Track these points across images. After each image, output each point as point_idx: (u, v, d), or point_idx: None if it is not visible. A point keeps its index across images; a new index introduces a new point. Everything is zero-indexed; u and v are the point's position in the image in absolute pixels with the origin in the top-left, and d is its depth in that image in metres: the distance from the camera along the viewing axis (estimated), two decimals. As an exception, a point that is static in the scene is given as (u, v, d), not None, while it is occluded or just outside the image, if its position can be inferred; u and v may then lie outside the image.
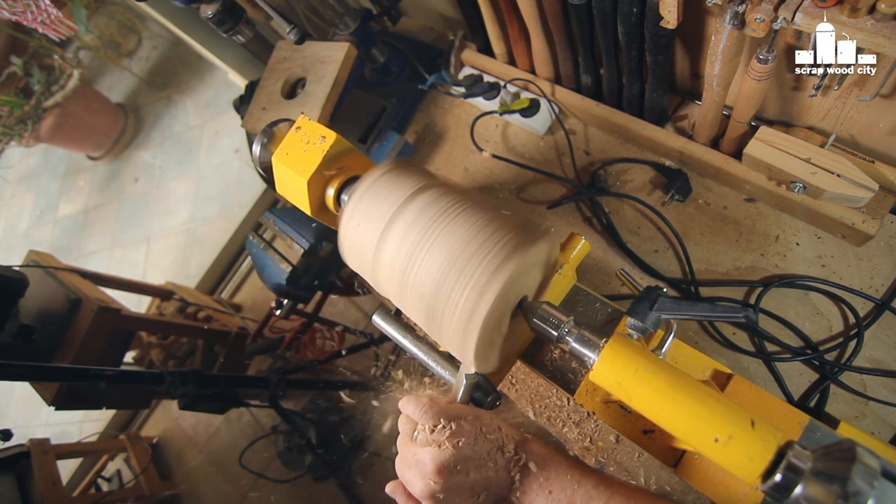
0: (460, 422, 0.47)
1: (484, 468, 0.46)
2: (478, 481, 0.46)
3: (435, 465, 0.45)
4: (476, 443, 0.46)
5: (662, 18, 0.71)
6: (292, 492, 1.82)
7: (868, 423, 0.73)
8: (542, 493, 0.45)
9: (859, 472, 0.31)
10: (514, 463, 0.47)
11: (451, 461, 0.45)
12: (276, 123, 0.61)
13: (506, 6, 0.98)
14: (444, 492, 0.45)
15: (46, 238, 3.27)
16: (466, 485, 0.45)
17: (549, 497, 0.45)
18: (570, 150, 1.05)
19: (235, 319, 2.04)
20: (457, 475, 0.45)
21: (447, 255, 0.45)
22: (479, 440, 0.47)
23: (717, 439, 0.38)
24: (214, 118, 2.92)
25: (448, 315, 0.45)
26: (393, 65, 1.26)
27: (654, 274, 0.91)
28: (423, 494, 0.46)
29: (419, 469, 0.46)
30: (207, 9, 0.95)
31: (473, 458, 0.46)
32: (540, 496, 0.45)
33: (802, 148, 0.79)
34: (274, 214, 1.06)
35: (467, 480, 0.45)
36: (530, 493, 0.46)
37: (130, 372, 1.47)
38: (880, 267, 0.79)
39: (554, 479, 0.46)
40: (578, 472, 0.46)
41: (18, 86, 2.98)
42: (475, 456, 0.46)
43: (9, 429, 1.40)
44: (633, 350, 0.44)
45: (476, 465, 0.46)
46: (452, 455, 0.45)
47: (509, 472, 0.47)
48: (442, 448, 0.45)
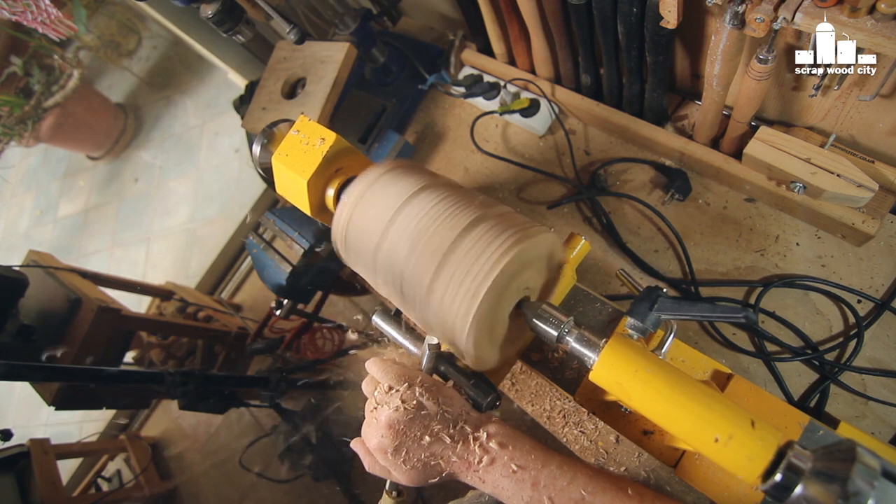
0: (416, 387, 0.49)
1: (438, 438, 0.48)
2: (432, 449, 0.47)
3: (387, 421, 0.47)
4: (431, 409, 0.48)
5: (662, 18, 0.71)
6: (292, 492, 1.82)
7: (868, 423, 0.73)
8: (506, 472, 0.46)
9: (859, 472, 0.31)
10: (473, 440, 0.48)
11: (402, 420, 0.47)
12: (276, 124, 0.61)
13: (506, 6, 0.98)
14: (393, 449, 0.47)
15: (46, 238, 3.27)
16: (418, 447, 0.47)
17: (514, 476, 0.46)
18: (570, 150, 1.05)
19: (235, 319, 2.04)
20: (408, 435, 0.47)
21: (446, 251, 0.45)
22: (434, 409, 0.48)
23: (718, 439, 0.38)
24: (214, 118, 2.92)
25: (446, 310, 0.45)
26: (393, 65, 1.25)
27: (654, 274, 0.90)
28: (376, 448, 0.49)
29: (375, 425, 0.49)
30: (207, 9, 0.95)
31: (426, 423, 0.48)
32: (504, 475, 0.46)
33: (802, 148, 0.79)
34: (274, 214, 1.06)
35: (419, 444, 0.47)
36: (493, 472, 0.47)
37: (130, 372, 1.47)
38: (880, 267, 0.79)
39: (518, 458, 0.47)
40: (543, 453, 0.47)
41: (18, 86, 2.98)
42: (428, 421, 0.48)
43: (9, 429, 1.40)
44: (633, 350, 0.44)
45: (429, 432, 0.48)
46: (403, 415, 0.47)
47: (466, 449, 0.48)
48: (395, 407, 0.47)
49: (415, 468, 0.48)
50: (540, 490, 0.45)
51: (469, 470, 0.47)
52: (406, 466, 0.48)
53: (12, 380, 1.10)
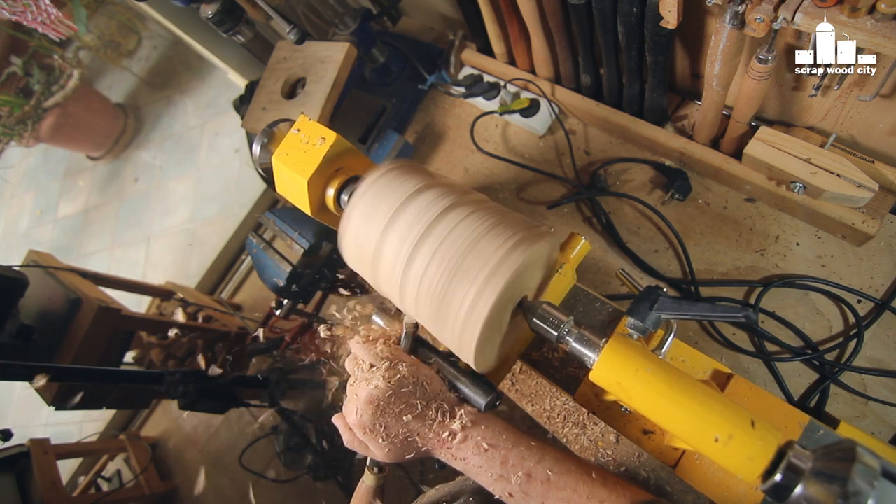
0: (397, 365, 0.51)
1: (415, 415, 0.49)
2: (409, 425, 0.49)
3: (366, 397, 0.49)
4: (409, 387, 0.50)
5: (662, 18, 0.71)
6: (292, 492, 1.82)
7: (868, 423, 0.73)
8: (477, 450, 0.48)
9: (859, 471, 0.31)
10: (448, 418, 0.50)
11: (381, 397, 0.48)
12: (276, 123, 0.61)
13: (506, 6, 0.98)
14: (372, 424, 0.48)
15: (46, 238, 3.27)
16: (395, 424, 0.49)
17: (485, 454, 0.48)
18: (570, 150, 1.04)
19: (235, 319, 2.04)
20: (386, 412, 0.48)
21: (447, 252, 0.45)
22: (413, 386, 0.50)
23: (718, 439, 0.38)
24: (214, 118, 2.92)
25: (449, 312, 0.45)
26: (393, 65, 1.26)
27: (654, 274, 0.90)
28: (355, 424, 0.50)
29: (354, 401, 0.50)
30: (207, 9, 0.95)
31: (404, 400, 0.49)
32: (476, 453, 0.48)
33: (802, 148, 0.79)
34: (274, 214, 1.06)
35: (396, 420, 0.49)
36: (465, 449, 0.48)
37: (130, 372, 1.47)
38: (880, 267, 0.79)
39: (490, 437, 0.48)
40: (514, 434, 0.49)
41: (18, 86, 2.98)
42: (406, 398, 0.49)
43: (9, 429, 1.40)
44: (633, 350, 0.44)
45: (408, 408, 0.49)
46: (382, 391, 0.48)
47: (441, 426, 0.49)
48: (375, 384, 0.49)
49: (392, 444, 0.49)
50: (508, 468, 0.47)
51: (443, 447, 0.49)
52: (383, 442, 0.49)
53: (12, 380, 1.10)
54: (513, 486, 0.46)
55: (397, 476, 1.49)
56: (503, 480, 0.47)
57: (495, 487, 0.47)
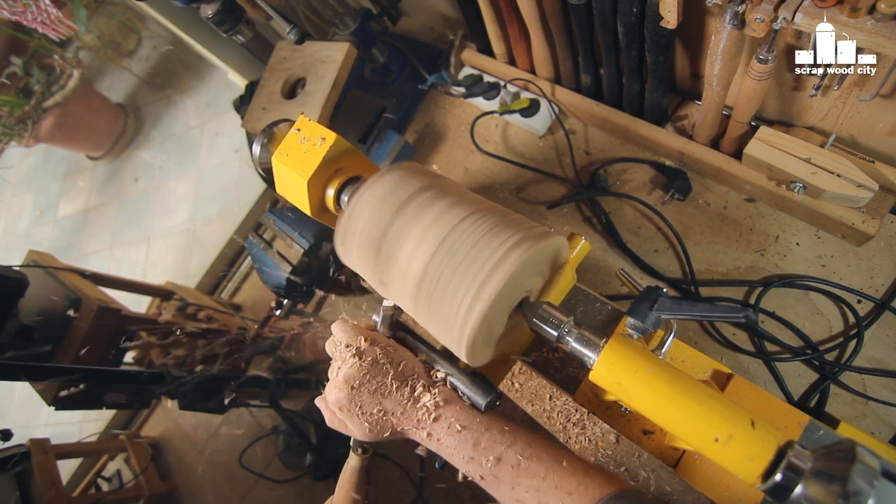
0: (373, 346, 0.52)
1: (391, 394, 0.50)
2: (383, 404, 0.50)
3: (343, 376, 0.50)
4: (385, 367, 0.51)
5: (662, 18, 0.71)
6: (292, 492, 1.82)
7: (868, 423, 0.73)
8: (450, 431, 0.49)
9: (859, 471, 0.31)
10: (422, 398, 0.50)
11: (357, 376, 0.50)
12: (276, 124, 0.61)
13: (506, 6, 0.98)
14: (349, 402, 0.50)
15: (46, 238, 3.27)
16: (371, 402, 0.50)
17: (458, 436, 0.48)
18: (570, 150, 1.05)
19: (235, 319, 2.04)
20: (361, 391, 0.50)
21: (448, 252, 0.45)
22: (389, 367, 0.51)
23: (718, 439, 0.38)
24: (214, 118, 2.91)
25: (448, 312, 0.45)
26: (393, 65, 1.26)
27: (654, 274, 0.90)
28: (333, 402, 0.51)
29: (333, 381, 0.51)
30: (207, 9, 0.95)
31: (379, 380, 0.50)
32: (449, 434, 0.49)
33: (802, 148, 0.79)
34: (274, 214, 1.06)
35: (372, 399, 0.50)
36: (438, 429, 0.49)
37: (130, 372, 1.47)
38: (880, 267, 0.79)
39: (463, 419, 0.49)
40: (487, 418, 0.50)
41: (18, 86, 2.98)
42: (381, 378, 0.50)
43: (9, 429, 1.40)
44: (633, 350, 0.44)
45: (382, 387, 0.50)
46: (358, 371, 0.50)
47: (415, 406, 0.50)
48: (351, 364, 0.50)
49: (368, 422, 0.50)
50: (480, 451, 0.47)
51: (418, 427, 0.50)
52: (360, 420, 0.50)
53: (12, 380, 1.10)
54: (484, 469, 0.47)
55: (397, 476, 1.49)
56: (475, 463, 0.47)
57: (468, 469, 0.48)
